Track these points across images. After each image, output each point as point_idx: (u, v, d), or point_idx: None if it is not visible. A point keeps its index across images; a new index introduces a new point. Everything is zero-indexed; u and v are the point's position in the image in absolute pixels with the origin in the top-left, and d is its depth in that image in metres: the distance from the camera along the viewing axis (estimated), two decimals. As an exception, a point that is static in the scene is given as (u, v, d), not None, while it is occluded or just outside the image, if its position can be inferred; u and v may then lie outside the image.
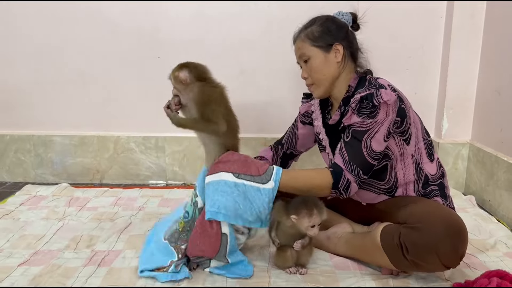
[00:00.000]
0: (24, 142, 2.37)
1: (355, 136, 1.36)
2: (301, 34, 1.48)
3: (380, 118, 1.33)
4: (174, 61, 2.25)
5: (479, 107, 2.22)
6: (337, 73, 1.47)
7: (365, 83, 1.42)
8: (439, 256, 1.20)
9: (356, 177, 1.36)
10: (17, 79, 2.32)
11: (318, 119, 1.62)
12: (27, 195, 2.11)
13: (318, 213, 1.31)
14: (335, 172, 1.36)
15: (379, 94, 1.32)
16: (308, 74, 1.50)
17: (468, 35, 2.18)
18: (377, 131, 1.34)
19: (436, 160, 1.49)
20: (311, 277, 1.38)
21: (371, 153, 1.35)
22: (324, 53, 1.45)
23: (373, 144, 1.34)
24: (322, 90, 1.51)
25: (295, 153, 1.78)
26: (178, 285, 1.29)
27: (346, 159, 1.36)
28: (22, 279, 1.34)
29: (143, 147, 2.38)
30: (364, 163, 1.36)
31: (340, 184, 1.35)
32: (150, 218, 1.84)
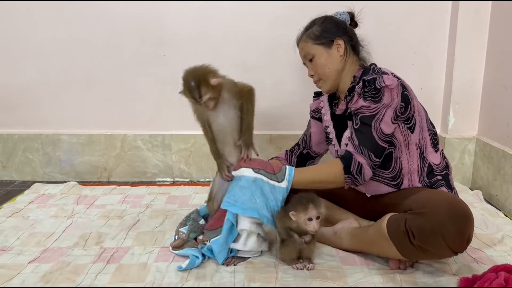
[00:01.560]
0: (32, 141, 2.39)
1: (364, 121, 1.41)
2: (303, 36, 1.58)
3: (386, 102, 1.39)
4: (179, 59, 2.28)
5: (485, 101, 2.21)
6: (341, 66, 1.55)
7: (368, 71, 1.49)
8: (445, 239, 1.20)
9: (368, 159, 1.40)
10: (24, 78, 2.34)
11: (327, 113, 1.68)
12: (35, 193, 2.13)
13: (314, 207, 1.34)
14: (345, 157, 1.42)
15: (382, 79, 1.39)
16: (314, 71, 1.58)
17: (473, 29, 2.16)
18: (385, 114, 1.39)
19: (440, 151, 1.53)
20: (318, 272, 1.38)
21: (382, 135, 1.40)
22: (327, 49, 1.54)
23: (383, 126, 1.39)
24: (329, 84, 1.58)
25: (312, 154, 1.79)
26: (183, 284, 1.29)
27: (356, 144, 1.42)
28: (32, 276, 1.36)
29: (150, 145, 2.39)
30: (375, 146, 1.41)
31: (352, 168, 1.40)
32: (157, 215, 1.85)
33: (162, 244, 1.58)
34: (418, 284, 1.31)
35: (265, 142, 2.37)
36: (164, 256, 1.48)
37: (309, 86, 2.27)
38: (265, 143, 2.37)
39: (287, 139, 2.30)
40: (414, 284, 1.31)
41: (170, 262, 1.44)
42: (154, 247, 1.55)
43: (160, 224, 1.75)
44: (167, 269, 1.39)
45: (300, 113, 1.87)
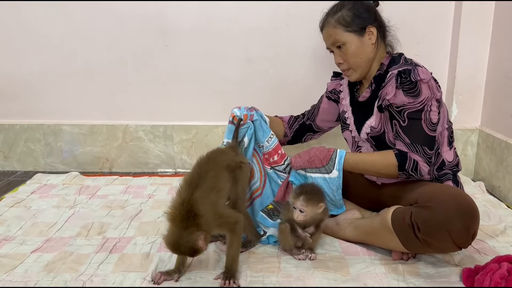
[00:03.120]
0: (34, 131, 2.39)
1: (412, 117, 1.37)
2: (331, 20, 1.47)
3: (428, 94, 1.36)
4: (181, 50, 2.27)
5: (488, 92, 2.20)
6: (372, 55, 1.50)
7: (399, 61, 1.46)
8: (450, 234, 1.19)
9: (423, 156, 1.37)
10: (25, 69, 2.33)
11: (346, 98, 1.64)
12: (37, 183, 2.13)
13: (303, 199, 1.35)
14: (400, 154, 1.39)
15: (417, 72, 1.35)
16: (343, 59, 1.50)
17: (478, 20, 2.14)
18: (432, 105, 1.37)
19: (454, 149, 1.50)
20: (320, 262, 1.39)
21: (431, 125, 1.38)
22: (359, 37, 1.46)
23: (432, 116, 1.37)
24: (359, 74, 1.52)
25: (314, 128, 1.77)
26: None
27: (408, 142, 1.38)
28: (35, 266, 1.36)
29: (152, 135, 2.38)
30: (427, 139, 1.38)
31: (407, 166, 1.38)
32: (160, 205, 1.85)
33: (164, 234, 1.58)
34: (421, 274, 1.31)
35: (267, 133, 2.36)
36: (167, 246, 1.49)
37: (313, 77, 2.27)
38: (267, 134, 2.36)
39: (289, 130, 2.29)
40: (416, 275, 1.31)
41: (173, 252, 1.44)
42: (156, 237, 1.56)
43: (162, 215, 1.75)
44: (170, 259, 1.39)
45: (303, 104, 1.85)
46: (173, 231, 1.16)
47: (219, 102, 2.35)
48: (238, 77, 2.32)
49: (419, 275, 1.31)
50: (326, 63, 2.24)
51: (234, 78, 2.31)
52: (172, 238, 1.16)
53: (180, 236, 1.14)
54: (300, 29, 2.22)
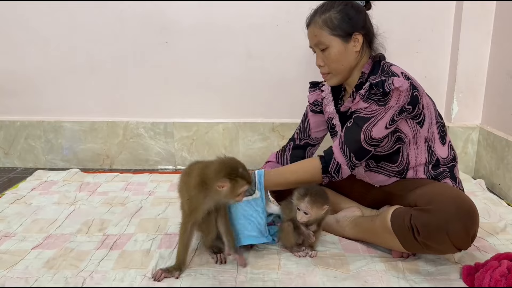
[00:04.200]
0: (35, 128, 2.38)
1: (356, 122, 1.36)
2: (318, 19, 1.41)
3: (390, 105, 1.32)
4: (181, 46, 2.27)
5: (489, 90, 2.20)
6: (355, 63, 1.44)
7: (378, 70, 1.40)
8: (450, 237, 1.19)
9: (349, 160, 1.37)
10: (26, 66, 2.32)
11: (330, 104, 1.59)
12: (38, 180, 2.13)
13: (308, 202, 1.34)
14: (325, 157, 1.39)
15: (391, 81, 1.30)
16: (324, 62, 1.45)
17: (479, 17, 2.14)
18: (381, 119, 1.33)
19: (448, 143, 1.48)
20: (320, 260, 1.39)
21: (369, 139, 1.35)
22: (344, 43, 1.40)
23: (374, 131, 1.34)
24: (338, 79, 1.47)
25: (311, 143, 1.70)
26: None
27: (342, 141, 1.38)
28: (36, 262, 1.36)
29: (152, 132, 2.38)
30: (358, 149, 1.37)
31: (330, 168, 1.38)
32: (160, 202, 1.85)
33: (165, 231, 1.58)
34: (421, 272, 1.31)
35: (268, 131, 2.36)
36: (167, 243, 1.49)
37: (313, 74, 2.26)
38: (268, 131, 2.37)
39: (290, 127, 2.29)
40: (416, 272, 1.31)
41: (173, 249, 1.44)
42: (157, 234, 1.56)
43: (163, 212, 1.76)
44: (170, 256, 1.40)
45: (303, 102, 1.85)
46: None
47: (220, 99, 2.35)
48: (238, 74, 2.32)
49: (419, 273, 1.31)
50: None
51: (234, 75, 2.31)
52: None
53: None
54: (300, 26, 2.17)
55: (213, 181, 1.23)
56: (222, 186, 1.22)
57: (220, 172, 1.23)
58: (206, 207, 1.29)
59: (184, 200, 1.32)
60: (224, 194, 1.24)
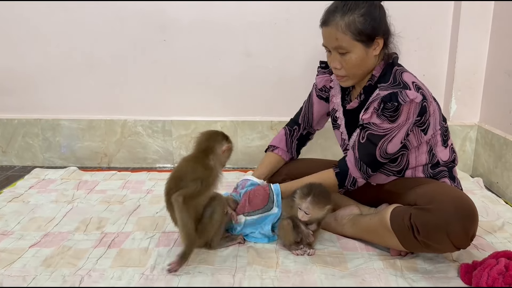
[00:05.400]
0: (32, 126, 2.38)
1: (370, 139, 1.36)
2: (340, 22, 1.31)
3: (401, 122, 1.31)
4: (180, 44, 2.26)
5: (488, 88, 2.20)
6: (373, 66, 1.40)
7: (389, 76, 1.36)
8: (449, 236, 1.19)
9: (365, 174, 1.40)
10: (24, 64, 2.32)
11: (337, 96, 1.56)
12: (36, 178, 2.13)
13: (310, 202, 1.34)
14: (341, 173, 1.41)
15: (405, 93, 1.28)
16: (341, 65, 1.38)
17: (477, 15, 2.14)
18: (395, 136, 1.33)
19: (450, 146, 1.47)
20: (319, 258, 1.39)
21: (384, 154, 1.37)
22: (365, 48, 1.34)
23: (389, 147, 1.35)
24: (353, 82, 1.44)
25: (311, 132, 1.74)
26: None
27: (357, 157, 1.39)
28: (33, 260, 1.36)
29: (150, 130, 2.38)
30: (374, 163, 1.39)
31: (347, 183, 1.42)
32: (158, 200, 1.84)
33: (163, 229, 1.58)
34: (419, 270, 1.32)
35: (267, 129, 2.36)
36: (165, 241, 1.49)
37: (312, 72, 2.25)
38: (267, 129, 2.36)
39: (288, 126, 2.29)
40: (414, 270, 1.31)
41: (171, 247, 1.44)
42: (155, 232, 1.55)
43: (161, 210, 1.75)
44: (168, 254, 1.40)
45: (302, 100, 1.85)
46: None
47: (218, 97, 2.35)
48: (237, 72, 2.31)
49: (417, 271, 1.31)
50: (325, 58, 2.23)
51: (233, 73, 2.31)
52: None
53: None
54: (299, 24, 2.21)
55: (217, 147, 1.37)
56: (224, 149, 1.38)
57: (218, 137, 1.40)
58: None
59: (198, 181, 1.31)
60: (225, 158, 1.41)
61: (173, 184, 1.34)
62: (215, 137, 1.41)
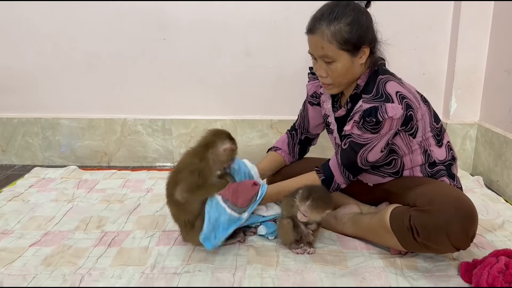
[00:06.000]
0: (32, 125, 2.38)
1: (352, 147, 1.37)
2: (325, 31, 1.29)
3: (383, 133, 1.31)
4: (179, 43, 2.26)
5: (488, 87, 2.20)
6: (359, 74, 1.39)
7: (372, 87, 1.33)
8: (449, 238, 1.19)
9: (347, 179, 1.43)
10: (23, 63, 2.31)
11: (327, 101, 1.57)
12: (36, 177, 2.13)
13: (308, 206, 1.33)
14: (326, 179, 1.43)
15: (384, 109, 1.26)
16: (327, 74, 1.37)
17: (477, 14, 2.14)
18: (376, 145, 1.34)
19: (446, 145, 1.45)
20: (319, 256, 1.39)
21: (365, 162, 1.39)
22: (351, 57, 1.33)
23: (369, 156, 1.36)
24: (339, 90, 1.44)
25: (310, 137, 1.72)
26: (183, 267, 1.31)
27: (340, 163, 1.41)
28: (34, 259, 1.36)
29: (150, 129, 2.38)
30: (355, 170, 1.41)
31: (331, 188, 1.44)
32: (158, 199, 1.85)
33: (163, 228, 1.58)
34: (419, 268, 1.32)
35: (266, 127, 2.36)
36: (165, 240, 1.49)
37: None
38: (266, 128, 2.36)
39: (288, 124, 2.27)
40: (414, 269, 1.31)
41: (171, 246, 1.44)
42: (155, 231, 1.56)
43: (161, 209, 1.75)
44: (169, 253, 1.40)
45: (302, 98, 1.84)
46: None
47: (218, 96, 2.35)
48: (237, 71, 2.31)
49: (417, 269, 1.31)
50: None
51: (233, 72, 2.31)
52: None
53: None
54: (299, 22, 2.17)
55: (219, 144, 1.38)
56: (226, 147, 1.38)
57: (222, 134, 1.41)
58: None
59: (195, 173, 1.34)
60: (225, 157, 1.40)
61: (172, 177, 1.38)
62: (220, 134, 1.42)
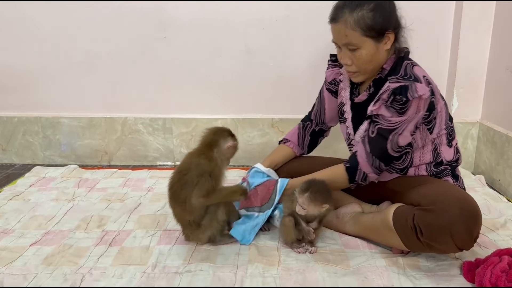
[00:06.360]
0: (32, 124, 2.37)
1: (381, 133, 1.34)
2: (349, 18, 1.30)
3: (410, 115, 1.29)
4: (180, 42, 2.25)
5: (489, 85, 2.19)
6: (384, 61, 1.39)
7: (399, 69, 1.35)
8: (453, 238, 1.19)
9: (376, 168, 1.37)
10: (24, 61, 2.31)
11: (345, 89, 1.56)
12: (36, 176, 2.12)
13: (306, 198, 1.34)
14: (351, 168, 1.39)
15: (414, 88, 1.26)
16: (352, 62, 1.37)
17: (479, 12, 2.13)
18: (405, 129, 1.32)
19: (454, 146, 1.46)
20: (320, 255, 1.38)
21: (396, 147, 1.35)
22: (376, 43, 1.33)
23: (400, 139, 1.33)
24: (364, 77, 1.43)
25: (324, 129, 1.72)
26: (185, 267, 1.30)
27: (368, 151, 1.37)
28: (34, 259, 1.35)
29: (151, 128, 2.37)
30: (386, 157, 1.37)
31: (357, 178, 1.39)
32: (159, 198, 1.84)
33: (164, 227, 1.57)
34: (421, 267, 1.31)
35: (267, 126, 2.35)
36: (167, 239, 1.48)
37: (313, 69, 2.25)
38: (267, 127, 2.36)
39: (289, 123, 2.27)
40: (417, 268, 1.31)
41: (173, 245, 1.44)
42: (156, 230, 1.55)
43: (162, 208, 1.74)
44: (170, 252, 1.39)
45: (303, 97, 1.84)
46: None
47: (219, 95, 2.34)
48: (238, 70, 2.30)
49: (419, 268, 1.31)
50: (326, 55, 2.22)
51: (234, 71, 2.30)
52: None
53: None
54: (300, 21, 2.20)
55: (222, 142, 1.40)
56: (229, 145, 1.40)
57: (223, 132, 1.43)
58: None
59: (205, 175, 1.35)
60: (229, 154, 1.43)
61: (176, 178, 1.37)
62: (221, 132, 1.43)
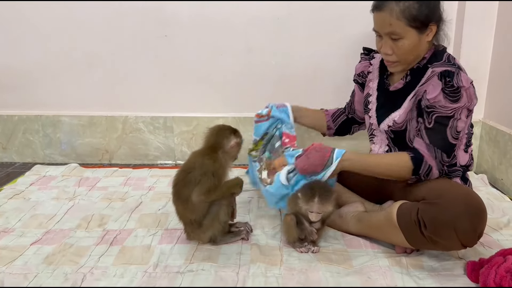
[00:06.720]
0: (33, 122, 2.36)
1: (440, 122, 1.31)
2: (394, 7, 1.30)
3: (464, 102, 1.29)
4: (181, 40, 2.24)
5: (492, 85, 2.18)
6: (424, 52, 1.40)
7: (441, 58, 1.36)
8: (457, 233, 1.18)
9: (439, 163, 1.33)
10: (24, 60, 2.29)
11: (374, 80, 1.56)
12: (36, 175, 2.11)
13: (318, 201, 1.31)
14: (416, 158, 1.33)
15: (460, 78, 1.27)
16: (393, 51, 1.37)
17: (482, 10, 2.12)
18: (462, 113, 1.31)
19: (470, 153, 1.45)
20: (323, 255, 1.37)
21: (455, 133, 1.32)
22: (419, 34, 1.34)
23: (459, 125, 1.32)
24: (403, 68, 1.43)
25: (358, 120, 1.73)
26: (187, 266, 1.30)
27: (428, 143, 1.33)
28: (35, 258, 1.35)
29: (152, 127, 2.36)
30: (448, 146, 1.33)
31: (421, 171, 1.33)
32: (160, 197, 1.83)
33: (165, 226, 1.56)
34: (424, 267, 1.30)
35: (268, 125, 2.34)
36: (168, 238, 1.47)
37: (315, 68, 2.24)
38: (268, 126, 2.34)
39: (290, 122, 2.27)
40: (420, 268, 1.30)
41: (174, 244, 1.43)
42: (157, 229, 1.54)
43: (163, 207, 1.74)
44: (171, 251, 1.39)
45: (305, 95, 1.83)
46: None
47: (220, 93, 2.33)
48: (239, 68, 2.29)
49: (422, 268, 1.30)
50: (328, 54, 2.22)
51: (235, 69, 2.29)
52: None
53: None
54: (301, 19, 2.19)
55: (226, 143, 1.40)
56: (233, 144, 1.40)
57: (225, 132, 1.42)
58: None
59: (209, 174, 1.33)
60: (235, 152, 1.43)
61: (181, 176, 1.37)
62: (223, 132, 1.42)
